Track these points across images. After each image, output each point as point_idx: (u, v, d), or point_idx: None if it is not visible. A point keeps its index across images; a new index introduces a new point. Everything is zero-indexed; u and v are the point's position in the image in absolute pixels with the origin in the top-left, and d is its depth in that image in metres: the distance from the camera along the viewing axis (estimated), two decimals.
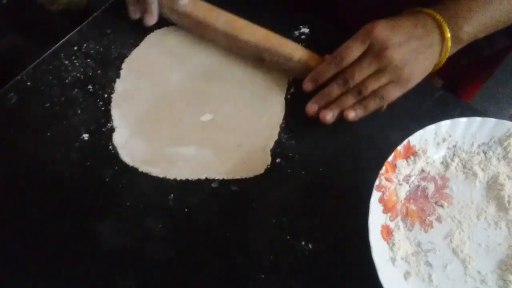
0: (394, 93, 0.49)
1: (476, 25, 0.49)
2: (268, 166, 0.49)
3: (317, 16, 0.59)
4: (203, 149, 0.51)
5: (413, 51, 0.48)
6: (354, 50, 0.48)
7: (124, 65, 0.56)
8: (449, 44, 0.48)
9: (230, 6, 0.57)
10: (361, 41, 0.48)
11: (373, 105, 0.49)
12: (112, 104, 0.54)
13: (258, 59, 0.54)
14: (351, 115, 0.49)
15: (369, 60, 0.48)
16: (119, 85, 0.55)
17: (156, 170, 0.49)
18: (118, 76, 0.56)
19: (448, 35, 0.48)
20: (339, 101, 0.50)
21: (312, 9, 0.59)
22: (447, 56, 0.49)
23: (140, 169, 0.49)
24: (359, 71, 0.48)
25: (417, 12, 0.50)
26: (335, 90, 0.50)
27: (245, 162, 0.49)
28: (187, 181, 0.49)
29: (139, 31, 0.59)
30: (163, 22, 0.59)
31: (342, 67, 0.49)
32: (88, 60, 0.57)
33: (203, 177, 0.49)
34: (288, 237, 0.45)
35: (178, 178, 0.49)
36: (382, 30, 0.47)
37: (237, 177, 0.49)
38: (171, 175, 0.49)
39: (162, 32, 0.59)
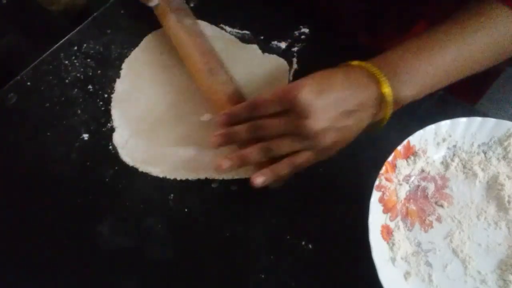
0: (309, 162, 0.43)
1: (417, 86, 0.43)
2: None
3: (317, 16, 0.59)
4: (203, 149, 0.50)
5: (341, 117, 0.42)
6: (269, 107, 0.42)
7: (124, 65, 0.57)
8: (390, 106, 0.43)
9: (230, 6, 0.57)
10: (279, 102, 0.42)
11: (284, 171, 0.43)
12: (112, 104, 0.54)
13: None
14: (259, 180, 0.42)
15: (285, 122, 0.42)
16: (119, 85, 0.55)
17: (156, 170, 0.49)
18: (118, 76, 0.56)
19: (389, 91, 0.42)
20: (242, 152, 0.43)
21: (312, 9, 0.59)
22: (386, 119, 0.44)
23: (140, 169, 0.49)
24: (271, 126, 0.42)
25: (357, 67, 0.44)
26: (243, 132, 0.43)
27: None
28: (187, 181, 0.49)
29: (139, 31, 0.59)
30: (156, 24, 0.59)
31: (255, 115, 0.43)
32: (88, 60, 0.57)
33: (203, 177, 0.49)
34: (288, 237, 0.45)
35: (178, 178, 0.49)
36: (307, 95, 0.40)
37: (237, 177, 0.49)
38: (171, 175, 0.49)
39: (162, 32, 0.59)
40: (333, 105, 0.41)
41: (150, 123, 0.52)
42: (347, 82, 0.42)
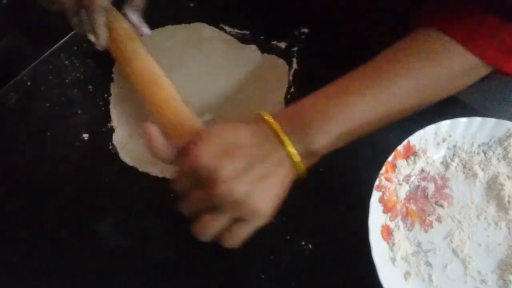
0: (243, 233, 0.40)
1: (332, 135, 0.40)
2: None
3: (317, 16, 0.59)
4: None
5: (257, 179, 0.38)
6: (182, 183, 0.41)
7: (114, 69, 0.56)
8: (298, 159, 0.40)
9: (230, 6, 0.57)
10: (186, 175, 0.40)
11: (232, 243, 0.41)
12: (111, 105, 0.54)
13: None
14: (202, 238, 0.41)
15: (200, 195, 0.39)
16: (114, 88, 0.55)
17: (156, 170, 0.49)
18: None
19: (294, 151, 0.39)
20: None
21: (312, 9, 0.59)
22: (303, 171, 0.41)
23: (140, 169, 0.49)
24: (194, 201, 0.40)
25: (261, 122, 0.41)
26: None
27: None
28: None
29: None
30: (155, 23, 0.59)
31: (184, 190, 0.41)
32: (88, 60, 0.57)
33: None
34: (288, 237, 0.45)
35: None
36: (209, 160, 0.37)
37: None
38: (171, 175, 0.49)
39: (156, 33, 0.59)
40: (246, 167, 0.37)
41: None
42: (258, 142, 0.39)
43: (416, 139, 0.44)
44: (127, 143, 0.51)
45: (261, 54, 0.57)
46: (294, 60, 0.56)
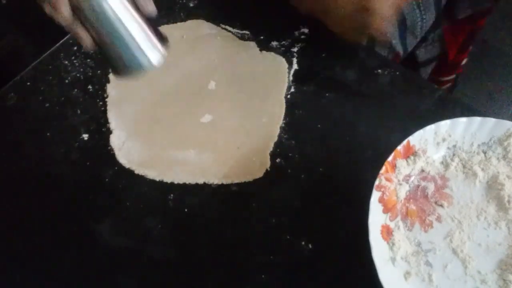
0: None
1: None
2: (268, 170, 0.49)
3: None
4: (202, 152, 0.50)
5: None
6: None
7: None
8: None
9: (230, 6, 0.57)
10: None
11: None
12: (108, 107, 0.54)
13: None
14: None
15: None
16: (110, 89, 0.55)
17: (152, 173, 0.49)
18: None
19: None
20: None
21: None
22: None
23: (136, 172, 0.49)
24: None
25: None
26: None
27: (244, 166, 0.49)
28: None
29: None
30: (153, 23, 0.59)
31: None
32: (88, 60, 0.57)
33: (201, 181, 0.48)
34: (288, 237, 0.45)
35: (176, 182, 0.49)
36: None
37: (236, 181, 0.48)
38: (168, 179, 0.49)
39: None
40: None
41: (147, 125, 0.52)
42: None
43: (416, 139, 0.44)
44: (124, 145, 0.51)
45: (259, 51, 0.56)
46: (294, 60, 0.56)
